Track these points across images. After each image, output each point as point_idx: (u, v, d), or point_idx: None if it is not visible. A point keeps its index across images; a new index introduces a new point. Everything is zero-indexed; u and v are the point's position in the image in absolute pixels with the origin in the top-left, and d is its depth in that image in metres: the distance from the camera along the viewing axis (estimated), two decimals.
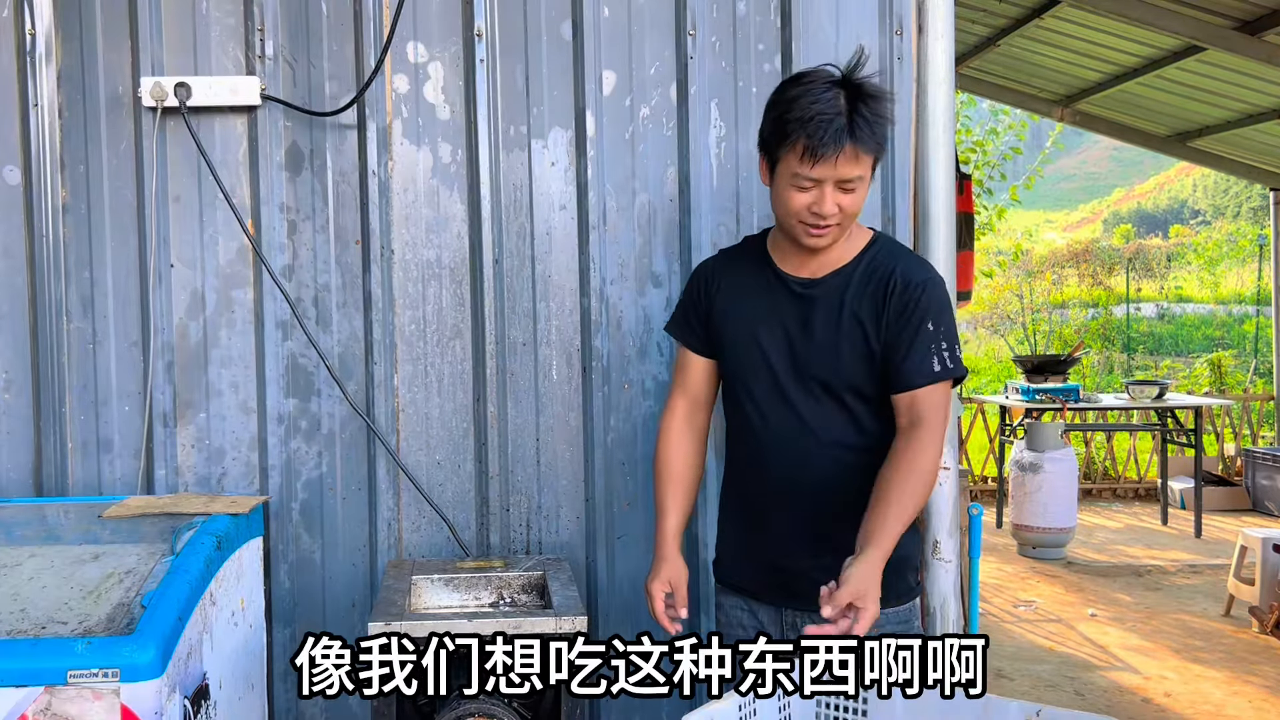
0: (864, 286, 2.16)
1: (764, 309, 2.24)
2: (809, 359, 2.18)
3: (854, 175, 2.07)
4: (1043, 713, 1.76)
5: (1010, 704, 1.80)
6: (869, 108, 2.04)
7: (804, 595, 2.13)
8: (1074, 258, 19.19)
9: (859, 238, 2.23)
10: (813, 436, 2.19)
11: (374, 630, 2.16)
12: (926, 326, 2.09)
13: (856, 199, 2.11)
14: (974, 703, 1.82)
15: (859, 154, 2.05)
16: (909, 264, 2.18)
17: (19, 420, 2.76)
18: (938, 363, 2.08)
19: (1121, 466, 9.70)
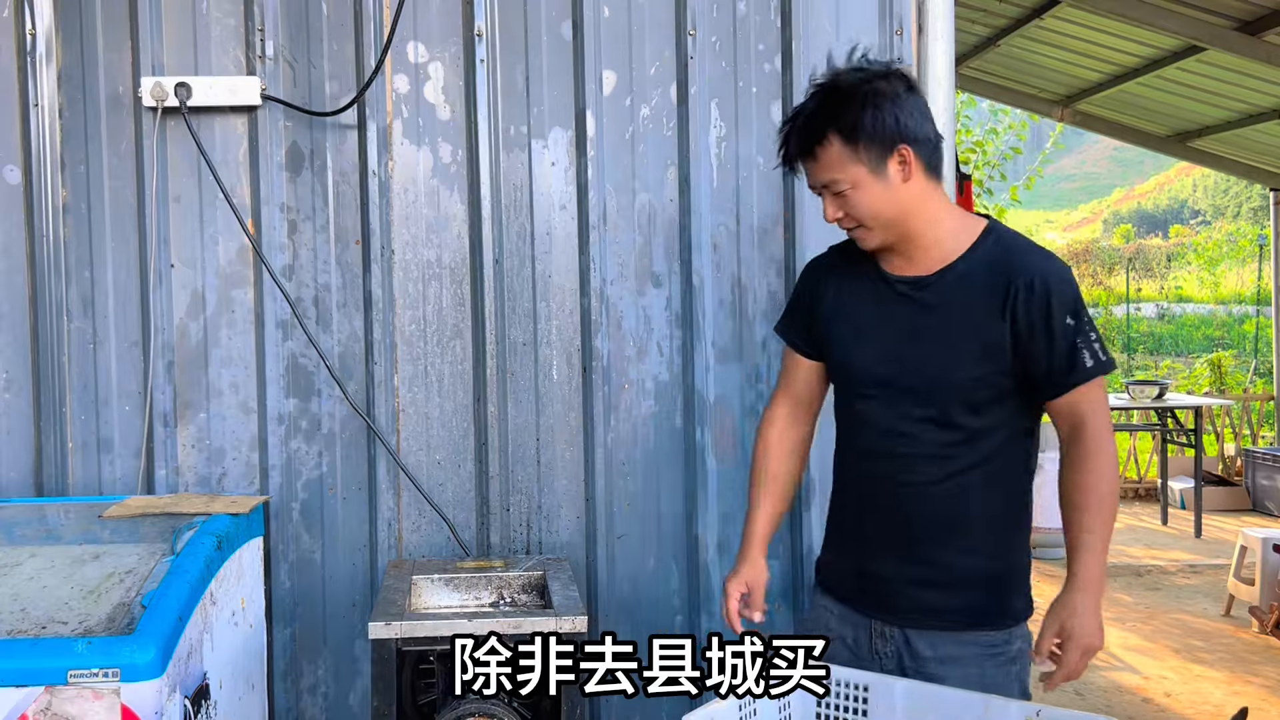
0: (982, 286, 1.97)
1: (870, 312, 2.09)
2: (917, 364, 2.02)
3: (828, 179, 1.96)
4: (1042, 713, 1.76)
5: (1010, 704, 1.80)
6: (828, 107, 1.93)
7: (891, 607, 2.07)
8: (1074, 258, 19.22)
9: (967, 229, 2.02)
10: (914, 443, 2.03)
11: (374, 630, 2.16)
12: (1066, 322, 1.90)
13: (856, 201, 1.96)
14: (974, 702, 1.82)
15: (819, 158, 1.95)
16: (1030, 259, 1.97)
17: (19, 420, 2.76)
18: (1089, 357, 1.91)
19: (1121, 466, 9.70)
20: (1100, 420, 1.93)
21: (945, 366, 1.99)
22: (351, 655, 2.81)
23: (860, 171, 1.94)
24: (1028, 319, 1.92)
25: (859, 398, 2.12)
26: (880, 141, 1.93)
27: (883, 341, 2.06)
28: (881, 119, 1.92)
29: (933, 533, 2.05)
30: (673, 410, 2.85)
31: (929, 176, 2.00)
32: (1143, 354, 17.14)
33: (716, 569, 2.83)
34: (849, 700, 1.91)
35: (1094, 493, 1.91)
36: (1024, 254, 1.98)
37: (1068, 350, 1.91)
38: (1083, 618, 1.85)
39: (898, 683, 1.89)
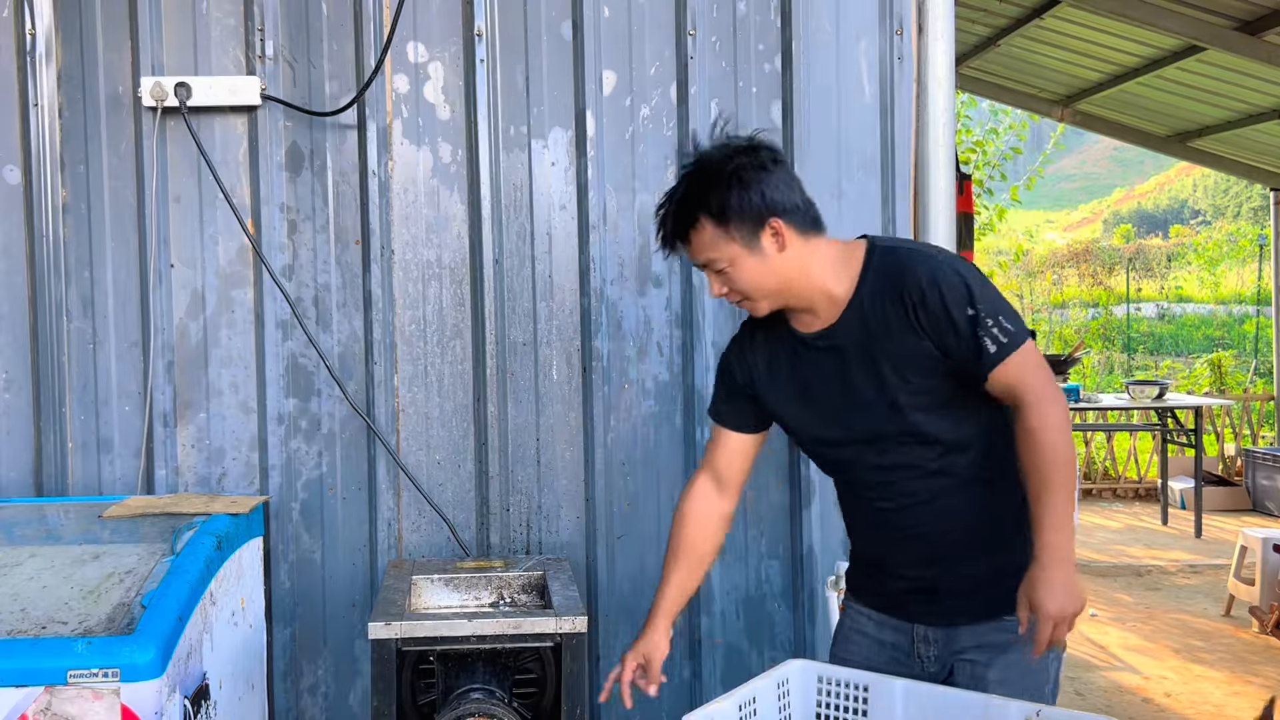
0: (883, 311, 2.00)
1: (801, 376, 2.12)
2: (863, 407, 2.05)
3: (704, 259, 2.01)
4: (1042, 713, 1.76)
5: (1010, 704, 1.80)
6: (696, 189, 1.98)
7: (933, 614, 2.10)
8: (1074, 258, 19.21)
9: (850, 263, 2.06)
10: (899, 473, 2.07)
11: (374, 630, 2.16)
12: (966, 314, 1.93)
13: (736, 277, 2.01)
14: (974, 702, 1.82)
15: (692, 241, 1.99)
16: (911, 269, 2.00)
17: (19, 420, 2.76)
18: (991, 343, 1.93)
19: (1121, 466, 9.70)
20: (1034, 389, 1.94)
21: (891, 400, 2.03)
22: (351, 655, 2.81)
23: (734, 249, 1.99)
24: (933, 324, 1.96)
25: (828, 453, 2.18)
26: (750, 219, 1.97)
27: (825, 401, 2.10)
28: (748, 197, 1.97)
29: (951, 543, 2.07)
30: (673, 410, 2.84)
31: (806, 237, 2.04)
32: (1143, 354, 17.13)
33: (716, 569, 2.83)
34: (849, 700, 1.91)
35: (1044, 466, 1.91)
36: (906, 264, 2.01)
37: (973, 342, 1.94)
38: (1047, 588, 1.86)
39: (897, 683, 1.89)
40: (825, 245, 2.07)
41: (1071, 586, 1.86)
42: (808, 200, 2.06)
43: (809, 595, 2.82)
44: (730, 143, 2.02)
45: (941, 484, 2.05)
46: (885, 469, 2.08)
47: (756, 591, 2.85)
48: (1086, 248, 20.52)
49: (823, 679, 1.96)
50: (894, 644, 2.16)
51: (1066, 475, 1.91)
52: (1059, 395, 1.96)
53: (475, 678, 2.24)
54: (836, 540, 2.83)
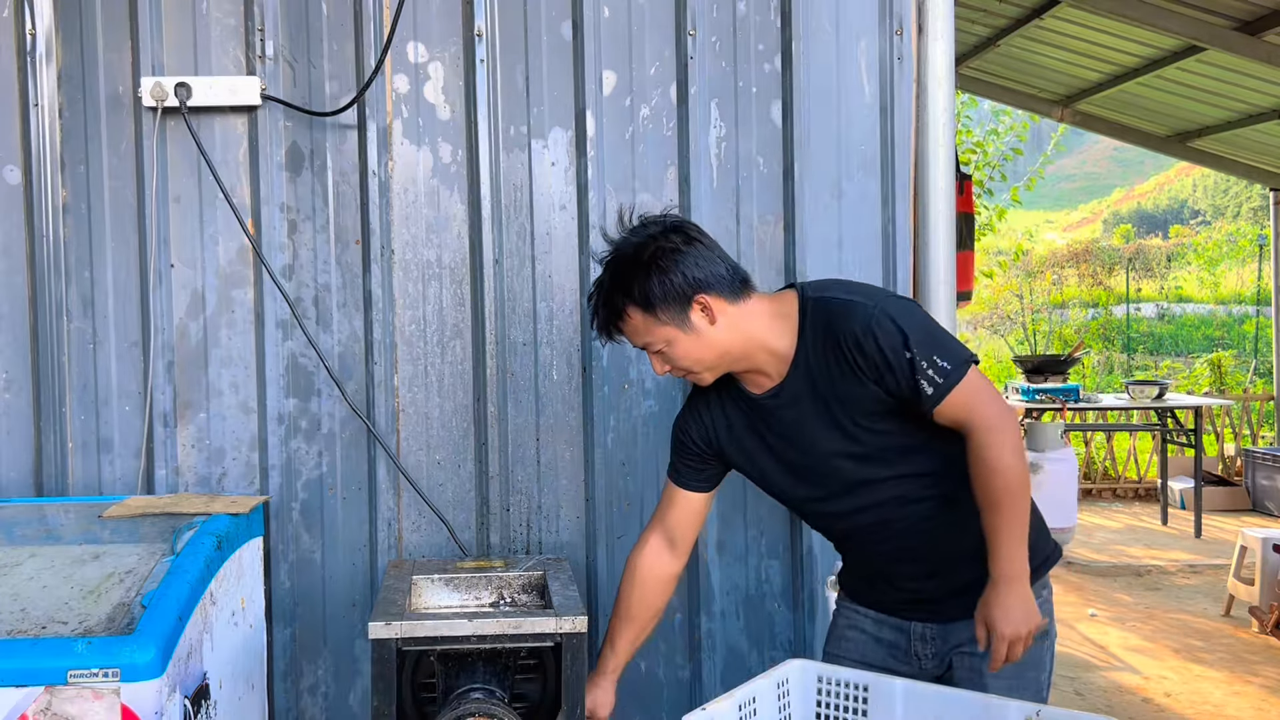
0: (824, 365, 2.04)
1: (759, 435, 2.16)
2: (827, 457, 2.09)
3: (642, 344, 2.08)
4: (1042, 712, 1.76)
5: (1010, 704, 1.80)
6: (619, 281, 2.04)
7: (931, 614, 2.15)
8: (1074, 258, 19.20)
9: (786, 318, 2.08)
10: (874, 511, 2.11)
11: (374, 630, 2.16)
12: (903, 358, 1.97)
13: (676, 356, 2.06)
14: (974, 702, 1.82)
15: (624, 329, 2.07)
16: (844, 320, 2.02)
17: (19, 420, 2.76)
18: (928, 385, 1.97)
19: (1121, 466, 9.70)
20: (980, 418, 1.97)
21: (854, 447, 2.06)
22: (351, 655, 2.81)
23: (667, 331, 2.03)
24: (873, 370, 1.99)
25: (806, 507, 2.24)
26: (675, 301, 2.02)
27: (789, 457, 2.14)
28: (670, 281, 2.01)
29: (944, 557, 2.11)
30: (673, 410, 2.84)
31: (737, 302, 2.07)
32: (1143, 354, 17.13)
33: (716, 569, 2.83)
34: (849, 700, 1.91)
35: (994, 492, 1.95)
36: (839, 313, 2.03)
37: (911, 386, 1.97)
38: (1001, 610, 1.92)
39: (897, 683, 1.90)
40: (758, 304, 2.10)
41: (1025, 606, 1.92)
42: (732, 265, 2.09)
43: (809, 595, 2.82)
44: (644, 227, 2.07)
45: (924, 509, 2.09)
46: (866, 509, 2.12)
47: (756, 591, 2.85)
48: (1086, 248, 20.51)
49: (823, 679, 1.96)
50: (892, 641, 2.19)
51: (1018, 498, 1.96)
52: (1006, 420, 1.99)
53: (475, 678, 2.24)
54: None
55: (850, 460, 2.08)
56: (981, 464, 1.96)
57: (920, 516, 2.09)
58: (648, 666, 2.83)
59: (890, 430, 2.05)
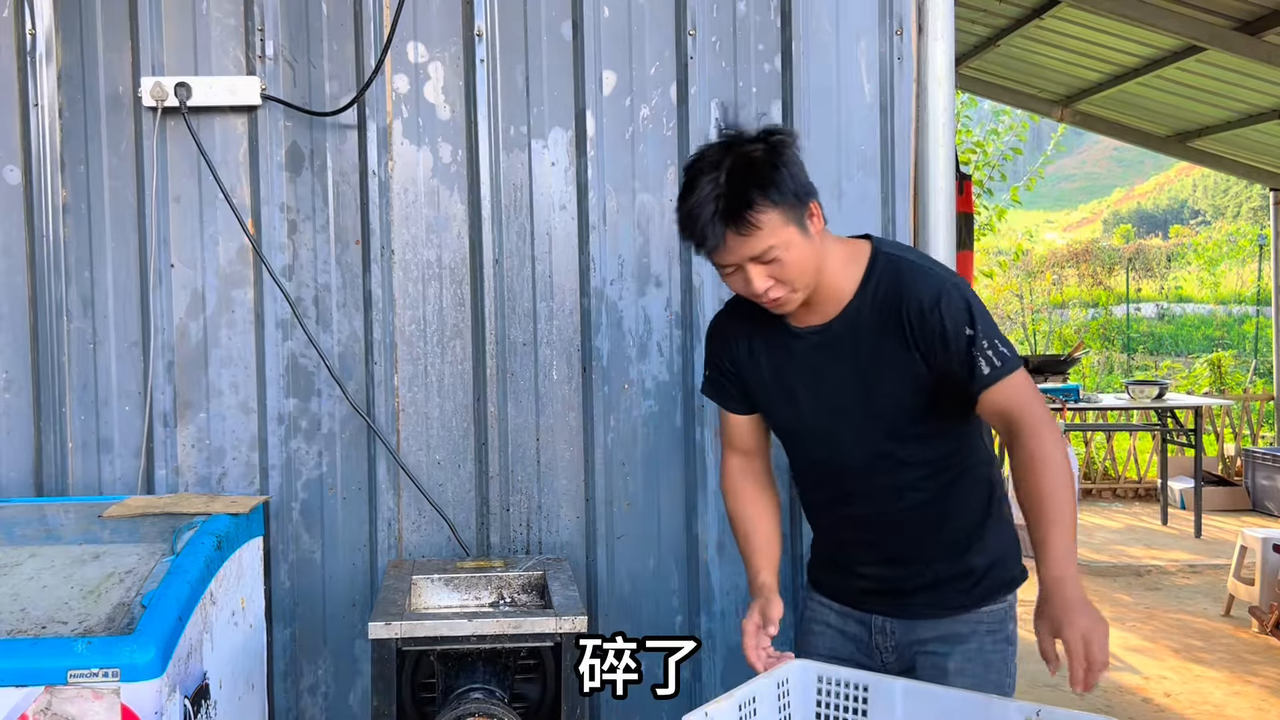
0: (881, 319, 1.99)
1: (786, 368, 2.11)
2: (840, 410, 2.06)
3: (763, 248, 1.91)
4: (1042, 712, 1.76)
5: (1010, 703, 1.80)
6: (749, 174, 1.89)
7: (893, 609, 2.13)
8: (1074, 258, 19.21)
9: (855, 262, 2.04)
10: (870, 482, 2.09)
11: (374, 630, 2.16)
12: (964, 334, 1.92)
13: (788, 265, 1.93)
14: (974, 702, 1.82)
15: (757, 226, 1.88)
16: (915, 284, 1.98)
17: (19, 420, 2.76)
18: (985, 364, 1.92)
19: (1121, 466, 9.70)
20: (1029, 415, 1.92)
21: (870, 408, 2.03)
22: (351, 655, 2.81)
23: (791, 232, 1.92)
24: (927, 341, 1.96)
25: (806, 453, 2.18)
26: (799, 198, 1.93)
27: (803, 396, 2.09)
28: (797, 179, 1.93)
29: (916, 546, 2.11)
30: (672, 410, 2.85)
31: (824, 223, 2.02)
32: (1143, 354, 17.13)
33: (716, 569, 2.83)
34: (849, 700, 1.91)
35: (1046, 498, 1.88)
36: (910, 277, 1.99)
37: (966, 362, 1.93)
38: (1065, 613, 1.80)
39: (897, 683, 1.90)
40: (831, 237, 2.05)
41: (1090, 609, 1.80)
42: None
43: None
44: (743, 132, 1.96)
45: (910, 496, 2.07)
46: (855, 474, 2.10)
47: None
48: (1086, 248, 20.52)
49: (823, 679, 1.96)
50: (855, 635, 2.20)
51: (1067, 497, 1.90)
52: (1054, 423, 1.95)
53: (475, 678, 2.24)
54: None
55: (860, 418, 2.04)
56: (1031, 459, 1.89)
57: (900, 501, 2.07)
58: (647, 667, 2.83)
59: (910, 405, 2.01)
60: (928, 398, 2.00)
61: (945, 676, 2.06)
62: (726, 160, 1.91)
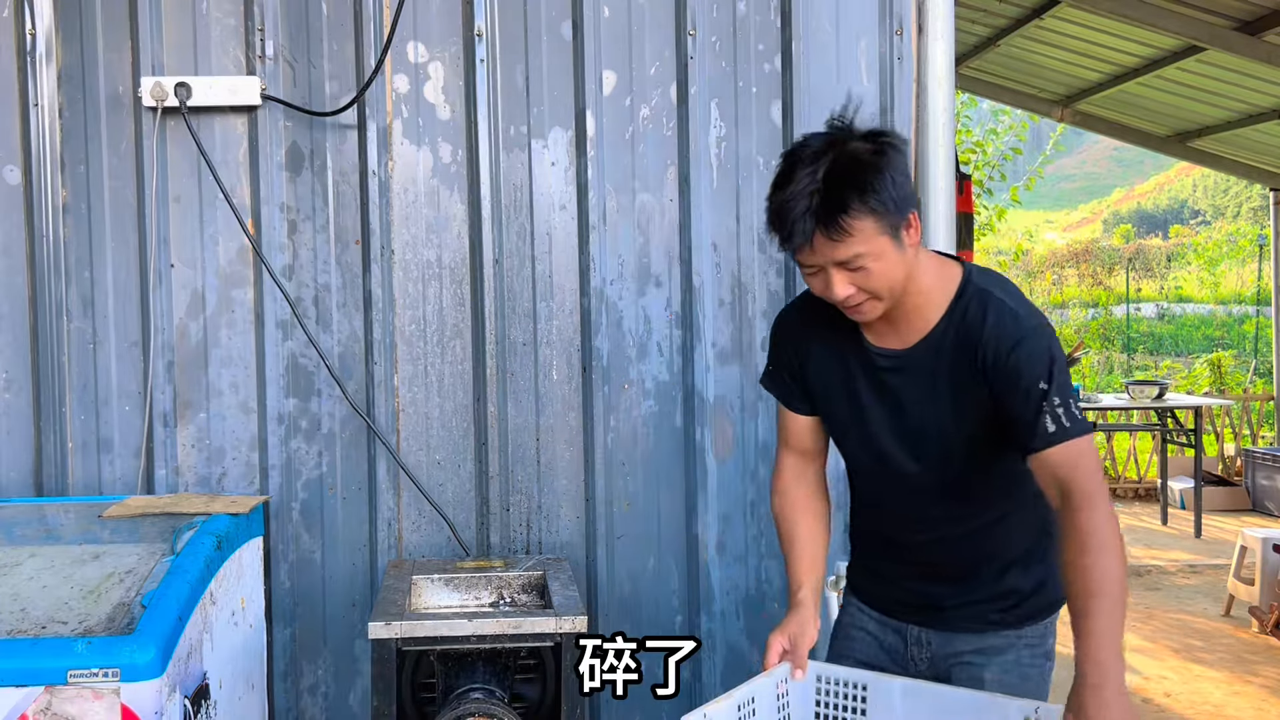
0: (956, 352, 1.90)
1: (858, 383, 2.00)
2: (905, 433, 1.98)
3: (851, 254, 1.79)
4: (1040, 710, 1.77)
5: (1011, 702, 1.80)
6: (849, 176, 1.77)
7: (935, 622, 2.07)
8: (1074, 258, 19.21)
9: (943, 287, 1.92)
10: (916, 505, 2.02)
11: (374, 630, 2.16)
12: (1039, 387, 1.82)
13: (875, 275, 1.81)
14: (974, 701, 1.82)
15: (848, 231, 1.77)
16: (999, 323, 1.87)
17: (19, 420, 2.76)
18: (1051, 422, 1.81)
19: (1121, 466, 9.69)
20: (1085, 485, 1.81)
21: (945, 436, 1.96)
22: (351, 655, 2.81)
23: (885, 243, 1.80)
24: (1000, 383, 1.87)
25: (864, 470, 2.10)
26: (899, 209, 1.80)
27: (871, 415, 2.01)
28: (900, 185, 1.80)
29: (962, 572, 2.05)
30: (673, 410, 2.84)
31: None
32: (1143, 354, 17.13)
33: (716, 569, 2.83)
34: (848, 699, 1.91)
35: (1095, 575, 1.78)
36: (996, 316, 1.89)
37: (1032, 414, 1.83)
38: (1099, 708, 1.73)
39: (895, 681, 1.90)
40: (925, 252, 1.93)
41: (1126, 712, 1.72)
42: None
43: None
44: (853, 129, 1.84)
45: (967, 522, 2.02)
46: (913, 494, 2.02)
47: (756, 591, 2.85)
48: (1086, 248, 20.53)
49: (821, 678, 1.96)
50: (891, 646, 2.15)
51: (1118, 584, 1.79)
52: (1109, 499, 1.83)
53: (475, 678, 2.24)
54: (836, 540, 2.82)
55: (929, 446, 1.96)
56: (1082, 540, 1.78)
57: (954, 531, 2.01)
58: (647, 667, 2.83)
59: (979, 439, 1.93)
60: (988, 431, 1.93)
61: (981, 685, 2.00)
62: (829, 155, 1.79)
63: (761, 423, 2.85)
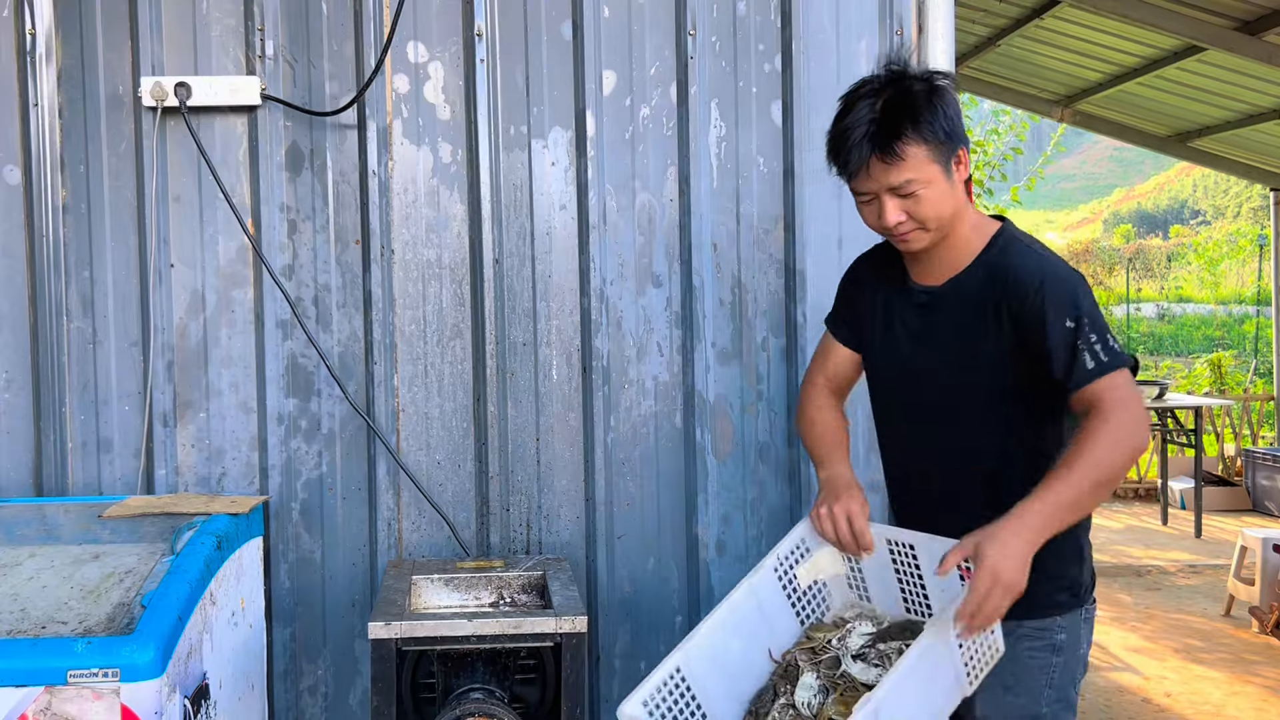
0: (983, 293, 2.00)
1: (893, 317, 2.15)
2: (934, 369, 2.07)
3: (903, 180, 1.93)
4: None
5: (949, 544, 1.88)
6: (905, 105, 1.93)
7: None
8: (1074, 258, 19.20)
9: (980, 234, 2.05)
10: (938, 442, 2.10)
11: (374, 630, 2.16)
12: (1066, 325, 1.88)
13: (925, 202, 1.95)
14: (931, 543, 1.92)
15: (901, 156, 1.92)
16: (1024, 263, 1.97)
17: (19, 420, 2.76)
18: (1090, 359, 1.87)
19: None
20: (1112, 409, 1.84)
21: (956, 373, 2.04)
22: (351, 655, 2.81)
23: (935, 171, 1.95)
24: (1027, 323, 1.94)
25: (887, 400, 2.22)
26: (950, 141, 1.95)
27: (904, 350, 2.13)
28: (951, 118, 1.96)
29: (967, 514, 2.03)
30: (673, 410, 2.84)
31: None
32: (1143, 354, 17.14)
33: (716, 569, 2.83)
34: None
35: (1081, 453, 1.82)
36: (1022, 258, 1.99)
37: (1067, 354, 1.89)
38: (999, 546, 1.77)
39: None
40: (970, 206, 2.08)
41: (1022, 562, 1.78)
42: None
43: None
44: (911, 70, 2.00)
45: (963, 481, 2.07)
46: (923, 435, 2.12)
47: None
48: (1086, 248, 20.54)
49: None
50: None
51: (1097, 469, 1.82)
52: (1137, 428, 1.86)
53: (475, 678, 2.24)
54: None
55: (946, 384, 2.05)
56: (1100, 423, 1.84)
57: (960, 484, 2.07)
58: (647, 667, 2.83)
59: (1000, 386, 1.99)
60: (1009, 374, 1.98)
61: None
62: (887, 90, 1.96)
63: (761, 423, 2.85)
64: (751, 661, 2.04)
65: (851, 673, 1.94)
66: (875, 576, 2.08)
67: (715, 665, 1.99)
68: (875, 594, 2.09)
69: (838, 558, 2.11)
